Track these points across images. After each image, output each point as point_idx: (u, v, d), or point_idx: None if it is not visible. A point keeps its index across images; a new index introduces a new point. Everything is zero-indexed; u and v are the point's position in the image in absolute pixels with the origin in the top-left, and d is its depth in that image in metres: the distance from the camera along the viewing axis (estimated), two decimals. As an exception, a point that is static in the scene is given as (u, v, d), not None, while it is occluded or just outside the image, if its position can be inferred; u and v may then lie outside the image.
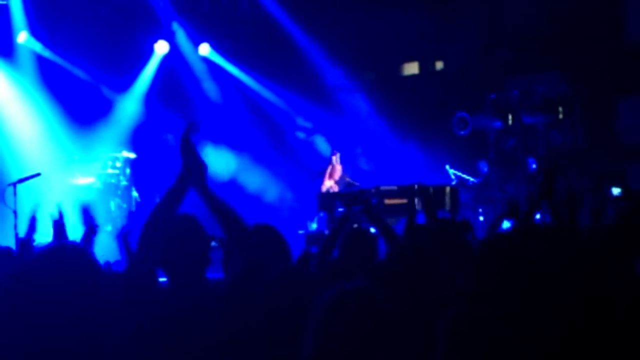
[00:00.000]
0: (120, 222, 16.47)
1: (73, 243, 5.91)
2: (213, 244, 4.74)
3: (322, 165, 17.06)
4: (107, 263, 8.09)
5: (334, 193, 15.92)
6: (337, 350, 2.89)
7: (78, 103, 17.84)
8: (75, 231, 7.31)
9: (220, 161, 18.99)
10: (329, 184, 16.28)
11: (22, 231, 10.44)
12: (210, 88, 20.03)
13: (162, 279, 4.60)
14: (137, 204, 16.93)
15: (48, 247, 3.82)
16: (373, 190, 15.25)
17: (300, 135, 20.17)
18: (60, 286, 3.52)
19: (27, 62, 17.80)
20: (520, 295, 4.18)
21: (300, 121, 20.46)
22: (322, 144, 19.85)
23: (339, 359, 2.88)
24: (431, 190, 15.63)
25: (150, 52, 19.10)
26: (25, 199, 13.99)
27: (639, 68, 18.43)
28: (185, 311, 4.33)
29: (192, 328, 4.26)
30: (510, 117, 19.84)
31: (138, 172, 17.28)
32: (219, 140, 19.42)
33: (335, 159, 16.57)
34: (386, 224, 6.97)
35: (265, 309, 4.36)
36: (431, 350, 3.95)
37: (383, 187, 15.45)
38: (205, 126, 18.87)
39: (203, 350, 4.22)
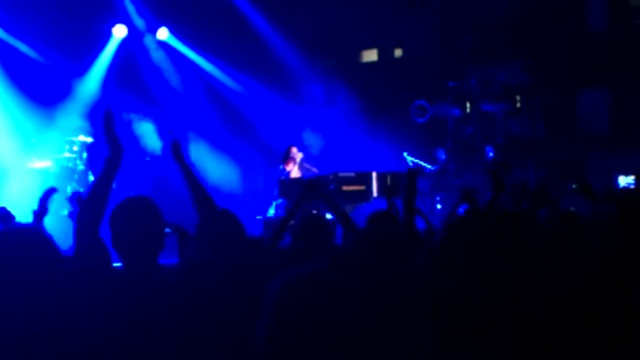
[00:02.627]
0: (77, 207, 16.35)
1: (24, 225, 5.87)
2: (167, 230, 4.73)
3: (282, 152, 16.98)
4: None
5: (294, 179, 15.90)
6: (291, 335, 2.89)
7: (35, 86, 17.71)
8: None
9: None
10: (291, 169, 16.26)
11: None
12: (169, 73, 19.96)
13: (116, 264, 4.59)
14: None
15: (4, 230, 3.79)
16: (331, 177, 15.25)
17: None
18: (13, 267, 3.49)
19: (-17, 45, 17.66)
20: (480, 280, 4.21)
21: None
22: (311, 139, 19.80)
23: (293, 344, 2.88)
24: (388, 178, 15.66)
25: (108, 35, 18.99)
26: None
27: (599, 58, 18.58)
28: (139, 294, 4.31)
29: (145, 312, 4.24)
30: (468, 105, 19.90)
31: (95, 156, 17.16)
32: (177, 125, 19.36)
33: (297, 155, 16.43)
34: (342, 210, 6.97)
35: (219, 294, 4.35)
36: (387, 334, 3.96)
37: (341, 174, 15.45)
38: (165, 113, 18.87)
39: (156, 333, 4.21)
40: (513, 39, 19.36)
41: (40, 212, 6.85)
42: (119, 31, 18.97)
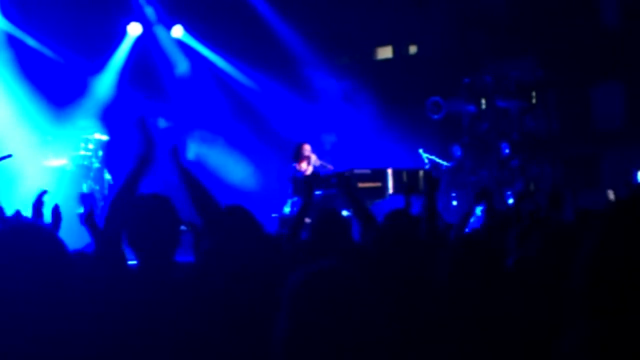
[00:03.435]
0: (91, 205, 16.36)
1: (37, 224, 5.84)
2: (182, 227, 4.72)
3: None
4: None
5: (308, 176, 15.83)
6: (310, 330, 2.88)
7: (51, 84, 17.74)
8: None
9: (193, 145, 19.05)
10: (305, 168, 16.15)
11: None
12: (184, 70, 19.98)
13: (131, 262, 4.58)
14: (110, 186, 16.85)
15: (9, 227, 3.76)
16: (346, 174, 15.22)
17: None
18: (23, 267, 3.48)
19: (-1, 43, 17.69)
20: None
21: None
22: (326, 136, 19.83)
23: (312, 340, 2.87)
24: (404, 174, 15.64)
25: (123, 33, 19.02)
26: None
27: (613, 54, 18.53)
28: (155, 292, 4.30)
29: (162, 309, 4.24)
30: (483, 101, 19.89)
31: (111, 154, 17.20)
32: (193, 123, 19.41)
33: (310, 153, 16.29)
34: (364, 206, 6.96)
35: (235, 290, 4.35)
36: (403, 330, 3.96)
37: (357, 171, 15.43)
38: (179, 109, 18.90)
39: (172, 331, 4.20)
40: (527, 34, 19.33)
41: (36, 218, 6.81)
42: (134, 29, 19.00)
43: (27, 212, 7.11)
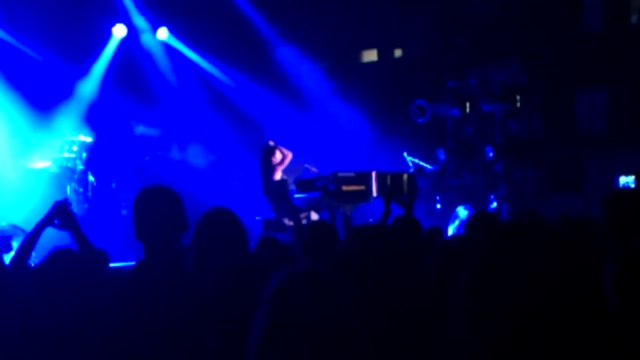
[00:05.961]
0: (76, 206, 16.36)
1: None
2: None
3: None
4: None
5: (285, 180, 15.69)
6: (285, 329, 2.89)
7: (35, 86, 17.69)
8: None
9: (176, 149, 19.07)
10: (279, 176, 15.91)
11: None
12: (168, 72, 19.95)
13: (113, 264, 4.62)
14: (93, 188, 16.82)
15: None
16: (330, 177, 15.20)
17: None
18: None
19: (-18, 45, 17.63)
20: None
21: None
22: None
23: (286, 339, 2.88)
24: (389, 178, 15.61)
25: (108, 35, 18.99)
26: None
27: (596, 58, 18.60)
28: (163, 282, 4.36)
29: (170, 299, 4.31)
30: (468, 105, 19.92)
31: (95, 156, 17.17)
32: (178, 127, 19.40)
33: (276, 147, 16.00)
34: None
35: (224, 292, 4.36)
36: (387, 333, 3.96)
37: (340, 174, 15.39)
38: (164, 113, 18.90)
39: (157, 329, 4.23)
40: (511, 39, 19.39)
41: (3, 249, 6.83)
42: (119, 31, 18.97)
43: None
